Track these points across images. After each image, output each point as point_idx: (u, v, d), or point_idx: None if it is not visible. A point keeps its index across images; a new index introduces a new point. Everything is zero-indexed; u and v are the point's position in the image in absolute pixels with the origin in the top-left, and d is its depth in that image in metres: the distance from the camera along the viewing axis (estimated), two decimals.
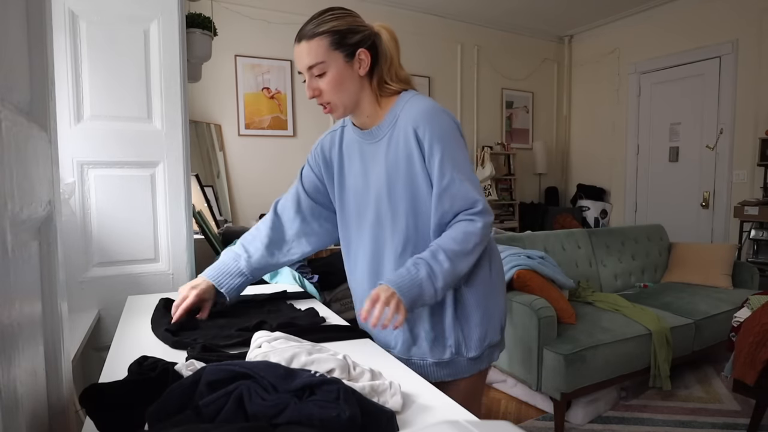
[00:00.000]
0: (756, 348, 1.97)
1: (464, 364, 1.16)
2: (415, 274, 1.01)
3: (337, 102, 1.10)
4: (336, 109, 1.11)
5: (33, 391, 0.60)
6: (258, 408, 0.59)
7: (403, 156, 1.11)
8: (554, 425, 2.21)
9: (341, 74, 1.07)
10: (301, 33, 1.07)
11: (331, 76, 1.07)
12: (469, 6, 4.84)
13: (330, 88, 1.07)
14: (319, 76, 1.07)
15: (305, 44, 1.06)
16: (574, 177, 5.89)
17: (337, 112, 1.12)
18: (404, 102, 1.12)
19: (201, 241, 2.24)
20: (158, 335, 1.07)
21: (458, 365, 1.16)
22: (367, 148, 1.18)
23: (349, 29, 1.07)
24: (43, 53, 0.69)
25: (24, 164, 0.56)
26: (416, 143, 1.08)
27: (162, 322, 1.15)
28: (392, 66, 1.14)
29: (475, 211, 1.07)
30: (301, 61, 1.08)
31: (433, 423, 0.61)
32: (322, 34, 1.05)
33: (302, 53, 1.07)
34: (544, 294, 2.33)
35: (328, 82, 1.07)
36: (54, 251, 0.72)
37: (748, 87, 4.19)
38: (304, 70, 1.08)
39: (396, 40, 1.13)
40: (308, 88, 1.09)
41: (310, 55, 1.05)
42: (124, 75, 1.73)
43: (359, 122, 1.18)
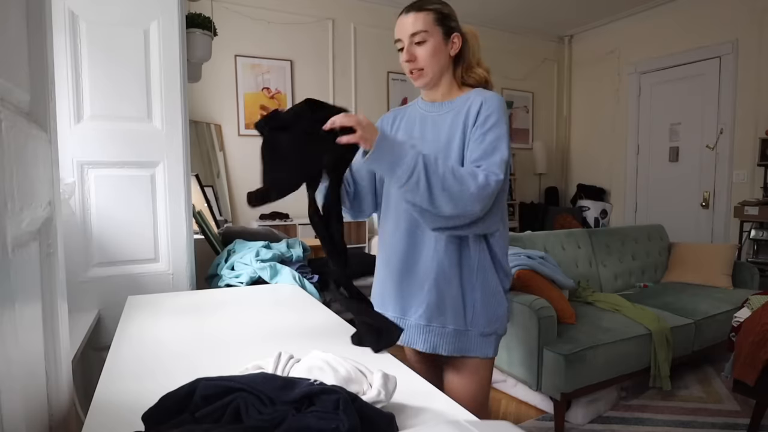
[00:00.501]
0: (756, 348, 1.97)
1: (478, 340, 1.22)
2: (409, 148, 1.05)
3: (428, 69, 1.21)
4: (424, 76, 1.22)
5: (33, 391, 0.60)
6: (255, 422, 0.59)
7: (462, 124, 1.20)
8: (554, 425, 2.21)
9: (438, 46, 1.20)
10: (411, 5, 1.21)
11: (430, 46, 1.20)
12: (468, 6, 4.84)
13: (425, 55, 1.20)
14: (418, 44, 1.20)
15: (413, 15, 1.19)
16: (574, 177, 5.89)
17: (425, 78, 1.23)
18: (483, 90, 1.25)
19: (201, 241, 2.24)
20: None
21: (471, 340, 1.22)
22: (435, 118, 1.27)
23: (450, 15, 1.23)
24: (43, 53, 0.69)
25: (24, 164, 0.56)
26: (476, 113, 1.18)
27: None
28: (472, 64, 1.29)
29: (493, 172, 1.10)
30: (404, 29, 1.20)
31: (433, 423, 0.61)
32: (430, 10, 1.20)
33: (408, 22, 1.20)
34: (544, 294, 2.33)
35: (425, 51, 1.20)
36: (54, 251, 0.72)
37: (748, 87, 4.19)
38: (406, 37, 1.20)
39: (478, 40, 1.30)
40: (406, 53, 1.20)
41: (416, 23, 1.19)
42: (124, 75, 1.73)
43: (432, 97, 1.29)
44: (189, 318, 1.29)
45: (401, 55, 1.22)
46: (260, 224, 3.85)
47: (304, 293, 1.62)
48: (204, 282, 2.16)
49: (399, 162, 1.02)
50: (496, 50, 5.42)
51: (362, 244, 4.31)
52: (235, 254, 2.05)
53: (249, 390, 0.63)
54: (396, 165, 1.03)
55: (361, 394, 0.69)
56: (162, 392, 0.64)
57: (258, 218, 4.12)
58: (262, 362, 0.78)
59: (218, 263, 2.10)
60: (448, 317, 1.21)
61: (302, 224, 4.11)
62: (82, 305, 1.71)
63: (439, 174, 1.04)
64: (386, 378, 0.71)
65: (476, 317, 1.21)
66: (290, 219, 4.16)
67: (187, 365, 0.93)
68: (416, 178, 1.02)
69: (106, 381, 0.86)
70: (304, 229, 4.11)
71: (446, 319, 1.21)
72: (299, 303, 1.46)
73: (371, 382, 0.71)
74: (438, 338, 1.21)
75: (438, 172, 1.04)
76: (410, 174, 1.02)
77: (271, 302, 1.50)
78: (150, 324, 1.22)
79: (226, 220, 3.88)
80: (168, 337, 1.12)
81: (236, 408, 0.61)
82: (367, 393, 0.69)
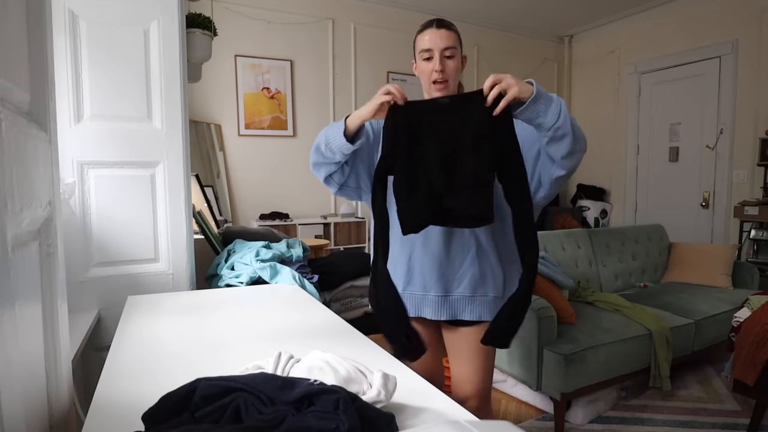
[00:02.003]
0: (756, 348, 1.97)
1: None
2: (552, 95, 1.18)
3: (451, 81, 1.34)
4: (448, 87, 1.35)
5: (33, 391, 0.60)
6: (255, 422, 0.59)
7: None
8: (554, 425, 2.21)
9: (459, 62, 1.36)
10: (440, 22, 1.34)
11: (456, 61, 1.34)
12: (469, 6, 4.84)
13: (452, 68, 1.34)
14: (448, 58, 1.32)
15: (445, 31, 1.33)
16: (574, 177, 5.89)
17: (447, 89, 1.35)
18: None
19: (201, 241, 2.24)
20: None
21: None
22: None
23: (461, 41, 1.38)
24: (43, 53, 0.69)
25: (24, 164, 0.56)
26: None
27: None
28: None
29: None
30: (439, 42, 1.31)
31: (433, 423, 0.61)
32: (454, 30, 1.36)
33: (442, 36, 1.32)
34: (544, 294, 2.33)
35: (453, 64, 1.34)
36: (54, 251, 0.72)
37: (748, 87, 4.19)
38: (438, 50, 1.31)
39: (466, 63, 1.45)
40: (438, 63, 1.31)
41: (449, 39, 1.32)
42: (124, 75, 1.73)
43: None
44: (189, 318, 1.29)
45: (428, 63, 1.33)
46: (260, 224, 3.85)
47: (304, 293, 1.62)
48: (204, 282, 2.16)
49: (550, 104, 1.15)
50: (496, 50, 5.42)
51: (362, 244, 4.31)
52: (235, 254, 2.05)
53: (249, 390, 0.63)
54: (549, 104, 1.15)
55: (361, 394, 0.69)
56: (162, 392, 0.64)
57: (258, 218, 4.12)
58: (262, 362, 0.78)
59: (218, 263, 2.09)
60: (489, 287, 1.33)
61: (302, 224, 4.12)
62: (82, 305, 1.71)
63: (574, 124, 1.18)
64: (386, 378, 0.71)
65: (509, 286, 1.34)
66: (290, 219, 4.16)
67: (187, 365, 0.93)
68: (564, 115, 1.15)
69: (106, 381, 0.86)
70: (304, 229, 4.12)
71: (487, 288, 1.33)
72: (299, 303, 1.46)
73: (371, 382, 0.71)
74: (482, 307, 1.34)
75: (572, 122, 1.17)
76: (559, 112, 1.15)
77: (271, 302, 1.50)
78: (150, 324, 1.22)
79: (226, 220, 3.88)
80: (168, 337, 1.12)
81: (236, 408, 0.61)
82: (367, 393, 0.69)
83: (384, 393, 0.69)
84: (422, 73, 1.35)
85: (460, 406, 0.76)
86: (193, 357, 0.99)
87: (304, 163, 4.46)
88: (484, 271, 1.33)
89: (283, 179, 4.37)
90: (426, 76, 1.34)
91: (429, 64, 1.32)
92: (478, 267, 1.32)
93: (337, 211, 4.55)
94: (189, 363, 0.95)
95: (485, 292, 1.34)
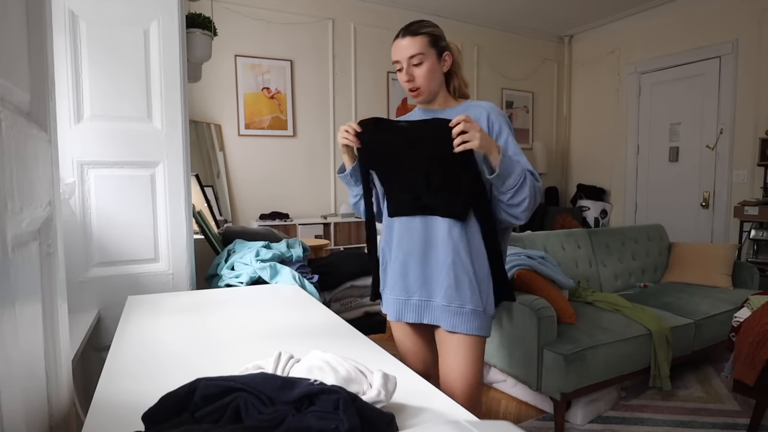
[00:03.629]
0: (756, 348, 1.97)
1: (486, 321, 1.34)
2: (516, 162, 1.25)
3: (424, 88, 1.35)
4: (422, 94, 1.36)
5: (33, 391, 0.60)
6: (255, 422, 0.59)
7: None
8: (554, 425, 2.21)
9: (433, 66, 1.34)
10: (405, 31, 1.33)
11: (426, 67, 1.33)
12: (469, 6, 4.84)
13: (423, 75, 1.33)
14: (416, 66, 1.32)
15: (408, 39, 1.32)
16: (574, 177, 5.89)
17: (422, 96, 1.37)
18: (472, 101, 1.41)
19: (201, 241, 2.24)
20: None
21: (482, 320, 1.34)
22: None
23: (440, 36, 1.36)
24: (43, 53, 0.69)
25: (24, 164, 0.56)
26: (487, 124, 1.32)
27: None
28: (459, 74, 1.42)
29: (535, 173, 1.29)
30: (403, 52, 1.32)
31: (433, 423, 0.61)
32: (423, 33, 1.33)
33: (405, 46, 1.32)
34: (544, 294, 2.33)
35: (422, 71, 1.33)
36: (54, 251, 0.72)
37: (748, 87, 4.19)
38: (404, 60, 1.33)
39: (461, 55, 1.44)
40: (405, 73, 1.34)
41: (413, 47, 1.31)
42: (124, 75, 1.73)
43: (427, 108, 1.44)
44: (189, 318, 1.29)
45: (400, 75, 1.35)
46: (260, 224, 3.85)
47: (304, 293, 1.62)
48: (204, 282, 2.16)
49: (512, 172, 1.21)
50: (496, 50, 5.42)
51: (362, 244, 4.31)
52: (235, 254, 2.05)
53: (249, 390, 0.63)
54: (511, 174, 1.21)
55: (361, 394, 0.69)
56: (162, 392, 0.64)
57: (258, 218, 4.12)
58: (262, 362, 0.78)
59: (218, 263, 2.09)
60: (465, 299, 1.32)
61: (302, 224, 4.12)
62: (82, 305, 1.71)
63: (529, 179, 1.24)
64: (386, 378, 0.71)
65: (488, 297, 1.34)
66: (290, 219, 4.16)
67: (187, 365, 0.93)
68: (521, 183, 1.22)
69: (106, 381, 0.86)
70: (304, 229, 4.12)
71: (464, 299, 1.32)
72: (299, 303, 1.46)
73: (371, 382, 0.71)
74: (457, 318, 1.33)
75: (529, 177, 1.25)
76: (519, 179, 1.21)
77: (271, 302, 1.50)
78: (150, 324, 1.22)
79: (226, 220, 3.88)
80: (168, 337, 1.12)
81: (236, 408, 0.61)
82: (367, 393, 0.69)
83: (384, 393, 0.69)
84: (401, 82, 1.38)
85: (460, 406, 0.76)
86: (193, 357, 0.99)
87: (304, 163, 4.46)
88: (461, 283, 1.32)
89: (283, 179, 4.37)
90: (403, 86, 1.39)
91: (402, 75, 1.35)
92: (454, 278, 1.32)
93: (337, 211, 4.55)
94: (189, 363, 0.95)
95: (461, 303, 1.32)
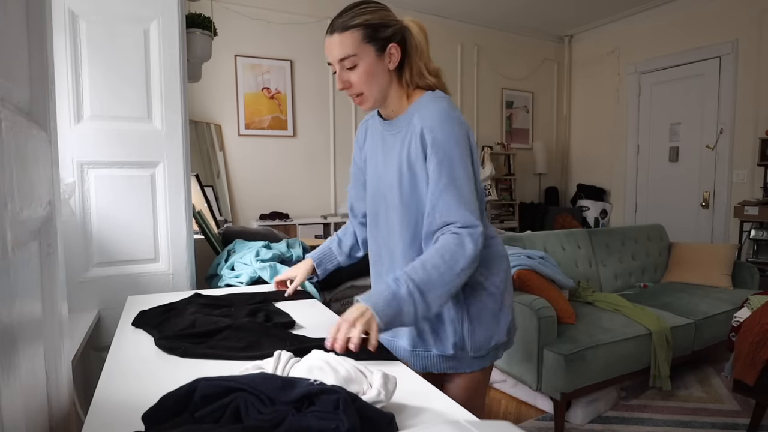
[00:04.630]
0: (756, 348, 1.97)
1: (468, 359, 1.16)
2: (396, 290, 0.96)
3: (367, 94, 1.10)
4: (366, 101, 1.12)
5: (33, 391, 0.60)
6: (255, 422, 0.59)
7: (411, 153, 1.11)
8: (554, 425, 2.21)
9: (372, 67, 1.07)
10: (333, 25, 1.07)
11: (363, 69, 1.07)
12: (469, 6, 4.84)
13: (361, 80, 1.08)
14: (350, 69, 1.07)
15: (337, 36, 1.06)
16: (574, 177, 5.89)
17: (367, 103, 1.13)
18: (425, 101, 1.12)
19: (201, 241, 2.24)
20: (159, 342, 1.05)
21: (462, 360, 1.16)
22: (388, 137, 1.19)
23: (381, 23, 1.07)
24: (43, 53, 0.69)
25: (24, 164, 0.56)
26: (421, 145, 1.09)
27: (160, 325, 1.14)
28: (422, 58, 1.13)
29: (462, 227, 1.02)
30: (332, 53, 1.08)
31: (433, 423, 0.61)
32: (355, 27, 1.05)
33: (334, 45, 1.07)
34: (544, 294, 2.33)
35: (359, 75, 1.07)
36: (54, 251, 0.72)
37: (748, 87, 4.19)
38: (335, 62, 1.08)
39: (425, 33, 1.14)
40: (339, 80, 1.10)
41: (342, 47, 1.05)
42: (124, 75, 1.73)
43: (385, 113, 1.20)
44: None
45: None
46: (260, 224, 3.85)
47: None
48: (204, 282, 2.16)
49: (401, 316, 0.96)
50: (496, 50, 5.42)
51: None
52: (235, 254, 2.05)
53: (249, 390, 0.63)
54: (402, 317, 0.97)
55: (361, 394, 0.69)
56: (162, 392, 0.64)
57: (258, 218, 4.12)
58: (262, 362, 0.78)
59: (218, 263, 2.09)
60: (430, 343, 1.16)
61: (302, 224, 4.11)
62: (82, 305, 1.71)
63: (435, 282, 0.98)
64: (386, 378, 0.71)
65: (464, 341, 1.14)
66: (290, 219, 4.16)
67: (187, 365, 0.93)
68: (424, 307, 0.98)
69: (106, 381, 0.86)
70: (304, 229, 4.12)
71: (429, 344, 1.16)
72: (299, 303, 1.46)
73: (371, 382, 0.71)
74: (425, 361, 1.18)
75: (433, 281, 0.97)
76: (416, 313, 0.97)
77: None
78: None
79: (226, 220, 3.88)
80: None
81: (236, 408, 0.61)
82: (367, 393, 0.69)
83: (384, 393, 0.69)
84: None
85: (460, 405, 0.76)
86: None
87: (304, 163, 4.46)
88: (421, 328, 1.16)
89: (283, 179, 4.37)
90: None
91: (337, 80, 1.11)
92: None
93: (337, 211, 4.55)
94: (189, 363, 0.95)
95: (427, 348, 1.17)
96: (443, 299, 1.00)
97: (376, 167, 1.23)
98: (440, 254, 1.00)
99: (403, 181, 1.13)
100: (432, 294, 0.98)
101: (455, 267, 0.99)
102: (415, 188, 1.12)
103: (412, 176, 1.12)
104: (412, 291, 0.96)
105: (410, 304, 0.96)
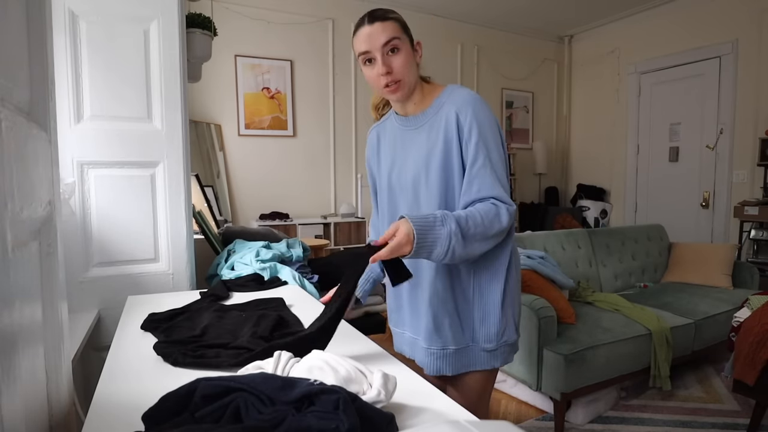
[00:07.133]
0: (756, 348, 1.97)
1: (481, 355, 1.20)
2: (440, 228, 1.01)
3: (405, 80, 1.15)
4: (401, 88, 1.16)
5: (33, 392, 0.60)
6: (255, 422, 0.59)
7: (442, 140, 1.16)
8: (554, 425, 2.21)
9: (409, 54, 1.15)
10: (374, 15, 1.13)
11: (404, 54, 1.14)
12: (469, 6, 4.84)
13: (403, 64, 1.13)
14: (392, 53, 1.13)
15: (379, 24, 1.12)
16: (574, 177, 5.89)
17: (402, 91, 1.17)
18: (453, 90, 1.19)
19: (201, 241, 2.24)
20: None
21: (475, 356, 1.20)
22: (407, 134, 1.24)
23: (407, 25, 1.18)
24: (43, 53, 0.69)
25: (24, 164, 0.56)
26: (456, 127, 1.14)
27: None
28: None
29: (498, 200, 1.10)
30: (376, 40, 1.12)
31: (433, 423, 0.61)
32: (394, 19, 1.14)
33: (377, 31, 1.12)
34: (544, 294, 2.33)
35: (401, 60, 1.13)
36: (54, 251, 0.72)
37: (748, 87, 4.19)
38: (378, 48, 1.12)
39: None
40: (383, 65, 1.13)
41: (386, 32, 1.11)
42: (124, 75, 1.73)
43: (404, 110, 1.25)
44: None
45: (372, 68, 1.14)
46: (260, 224, 3.85)
47: (304, 293, 1.62)
48: (204, 282, 2.16)
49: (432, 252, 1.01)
50: (496, 50, 5.42)
51: (362, 244, 4.31)
52: (235, 254, 2.05)
53: (249, 390, 0.63)
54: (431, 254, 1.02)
55: (361, 394, 0.69)
56: (162, 392, 0.64)
57: (258, 218, 4.12)
58: (262, 362, 0.78)
59: (218, 263, 2.09)
60: (447, 338, 1.19)
61: (302, 224, 4.11)
62: (82, 305, 1.71)
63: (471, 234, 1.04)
64: (386, 378, 0.71)
65: (476, 333, 1.20)
66: (290, 219, 4.16)
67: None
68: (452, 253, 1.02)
69: (106, 381, 0.86)
70: (304, 229, 4.12)
71: (446, 340, 1.19)
72: (299, 303, 1.46)
73: (371, 382, 0.71)
74: (440, 361, 1.20)
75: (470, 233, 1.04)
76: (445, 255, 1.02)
77: None
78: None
79: (226, 220, 3.88)
80: None
81: (236, 408, 0.61)
82: (367, 393, 0.69)
83: (384, 393, 0.69)
84: (370, 79, 1.17)
85: (460, 406, 0.76)
86: None
87: (304, 163, 4.46)
88: (440, 322, 1.18)
89: (283, 179, 4.37)
90: (374, 82, 1.16)
91: (373, 69, 1.14)
92: (432, 316, 1.19)
93: (337, 211, 4.55)
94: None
95: (444, 344, 1.19)
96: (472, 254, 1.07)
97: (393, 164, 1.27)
98: (480, 214, 1.06)
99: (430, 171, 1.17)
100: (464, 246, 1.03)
101: (490, 230, 1.06)
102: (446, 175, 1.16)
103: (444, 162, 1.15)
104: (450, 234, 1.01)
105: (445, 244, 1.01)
